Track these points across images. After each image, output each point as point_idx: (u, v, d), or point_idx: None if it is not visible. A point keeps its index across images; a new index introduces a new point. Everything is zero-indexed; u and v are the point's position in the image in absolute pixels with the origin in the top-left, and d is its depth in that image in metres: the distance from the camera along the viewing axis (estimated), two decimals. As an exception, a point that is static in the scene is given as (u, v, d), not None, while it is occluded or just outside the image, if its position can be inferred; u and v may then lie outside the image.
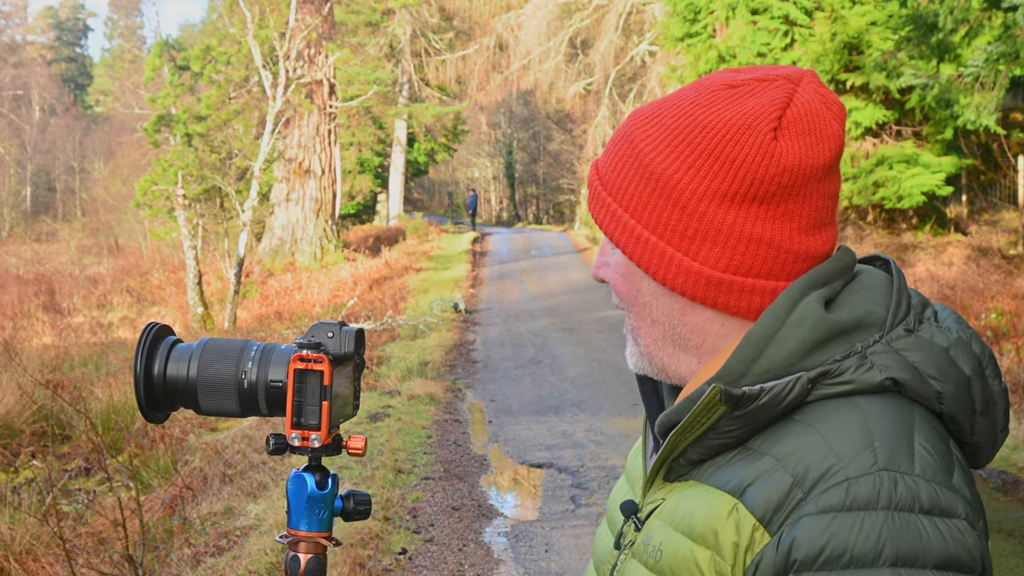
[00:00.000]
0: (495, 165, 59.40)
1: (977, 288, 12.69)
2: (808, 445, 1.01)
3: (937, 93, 10.73)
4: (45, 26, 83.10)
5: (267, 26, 19.18)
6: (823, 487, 0.98)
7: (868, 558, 0.94)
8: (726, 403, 1.04)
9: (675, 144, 1.10)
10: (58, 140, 59.75)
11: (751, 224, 1.09)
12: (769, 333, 1.07)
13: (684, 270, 1.11)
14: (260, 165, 18.23)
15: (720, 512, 1.04)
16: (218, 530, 6.69)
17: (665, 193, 1.10)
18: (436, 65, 34.66)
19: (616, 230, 1.14)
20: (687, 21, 20.13)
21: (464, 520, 6.73)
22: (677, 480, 1.14)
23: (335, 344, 1.21)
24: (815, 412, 1.04)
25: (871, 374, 1.04)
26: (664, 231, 1.11)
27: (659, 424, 1.14)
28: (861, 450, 0.99)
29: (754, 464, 1.04)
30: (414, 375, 11.86)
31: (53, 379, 12.04)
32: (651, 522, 1.14)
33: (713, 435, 1.08)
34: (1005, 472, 7.43)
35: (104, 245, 34.69)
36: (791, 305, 1.07)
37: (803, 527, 0.97)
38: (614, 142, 1.17)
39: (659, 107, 1.15)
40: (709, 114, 1.09)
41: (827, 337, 1.06)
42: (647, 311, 1.16)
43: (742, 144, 1.07)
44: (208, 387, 1.21)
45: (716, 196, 1.08)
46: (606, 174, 1.16)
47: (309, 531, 1.21)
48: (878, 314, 1.07)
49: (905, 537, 0.95)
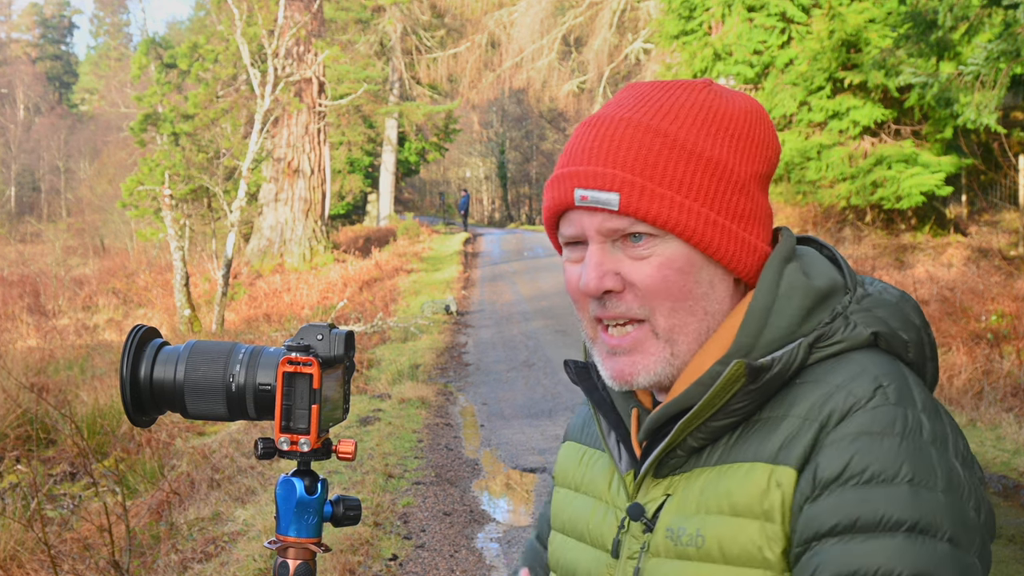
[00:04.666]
0: (487, 165, 59.48)
1: (977, 290, 12.65)
2: (826, 395, 1.10)
3: (937, 92, 10.69)
4: (30, 23, 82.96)
5: (255, 23, 19.10)
6: (845, 419, 1.08)
7: (888, 474, 1.05)
8: (750, 376, 1.11)
9: (715, 131, 1.17)
10: (43, 139, 59.61)
11: (767, 200, 1.22)
12: (767, 305, 1.16)
13: (751, 249, 1.18)
14: (248, 165, 18.19)
15: (759, 482, 1.10)
16: (205, 536, 6.65)
17: (725, 177, 1.17)
18: (427, 63, 34.64)
19: (683, 219, 1.15)
20: (682, 18, 20.12)
21: (456, 525, 6.67)
22: (672, 474, 1.19)
23: (325, 347, 1.20)
24: (817, 371, 1.13)
25: (857, 331, 1.15)
26: (730, 213, 1.17)
27: (654, 419, 1.18)
28: (874, 390, 1.09)
29: (777, 429, 1.12)
30: (405, 378, 11.85)
31: (38, 382, 12.04)
32: (665, 518, 1.17)
33: (720, 416, 1.14)
34: (1006, 477, 7.37)
35: (90, 246, 34.66)
36: (776, 277, 1.17)
37: (826, 452, 1.07)
38: (631, 139, 1.16)
39: (662, 102, 1.18)
40: (723, 103, 1.19)
41: (814, 304, 1.16)
42: (701, 303, 1.18)
43: (764, 128, 1.20)
44: (195, 390, 1.20)
45: (756, 176, 1.19)
46: (644, 169, 1.15)
47: (298, 537, 1.20)
48: (839, 280, 1.19)
49: (919, 460, 1.05)
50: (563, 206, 1.19)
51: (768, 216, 1.21)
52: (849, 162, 16.80)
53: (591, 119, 1.22)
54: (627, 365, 1.19)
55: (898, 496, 1.04)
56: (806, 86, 16.91)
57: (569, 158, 1.20)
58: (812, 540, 1.06)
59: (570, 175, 1.18)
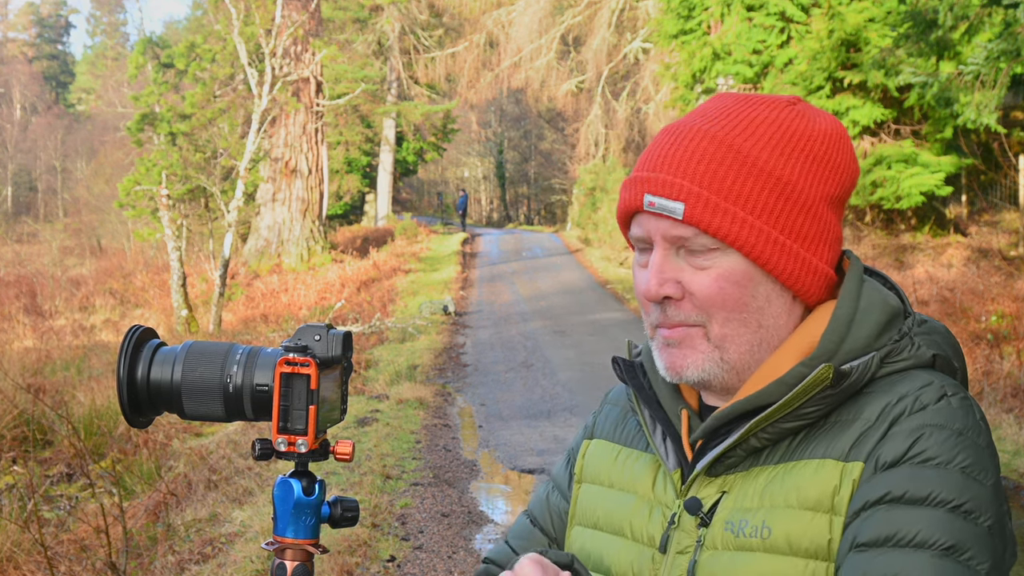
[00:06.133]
0: (485, 165, 59.51)
1: (977, 290, 12.65)
2: (895, 399, 1.16)
3: (936, 91, 10.69)
4: (26, 23, 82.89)
5: (253, 23, 19.06)
6: (911, 416, 1.14)
7: (943, 459, 1.11)
8: (835, 380, 1.16)
9: (789, 151, 1.21)
10: (39, 139, 59.51)
11: (838, 223, 1.26)
12: (849, 316, 1.21)
13: (812, 270, 1.23)
14: (246, 164, 18.17)
15: (831, 478, 1.15)
16: (203, 537, 6.63)
17: (792, 198, 1.21)
18: (425, 63, 34.62)
19: (743, 234, 1.19)
20: (681, 18, 20.13)
21: (454, 527, 6.65)
22: (727, 473, 1.23)
23: (322, 347, 1.20)
24: (885, 383, 1.19)
25: (922, 352, 1.21)
26: (794, 233, 1.21)
27: (720, 417, 1.22)
28: (940, 397, 1.15)
29: (847, 431, 1.17)
30: (403, 379, 11.82)
31: (34, 383, 12.02)
32: (723, 513, 1.21)
33: (791, 417, 1.18)
34: (1006, 478, 7.38)
35: (86, 246, 34.64)
36: (857, 291, 1.23)
37: (889, 442, 1.13)
38: (703, 151, 1.21)
39: (742, 118, 1.22)
40: (804, 123, 1.23)
41: (888, 320, 1.22)
42: (756, 316, 1.23)
43: (842, 151, 1.24)
44: (193, 391, 1.20)
45: (827, 199, 1.23)
46: (712, 182, 1.19)
47: (296, 538, 1.20)
48: (900, 303, 1.25)
49: (975, 454, 1.12)
50: (633, 208, 1.26)
51: (836, 239, 1.25)
52: (848, 162, 16.74)
53: (673, 126, 1.27)
54: (678, 357, 1.24)
55: (950, 478, 1.10)
56: (805, 86, 16.89)
57: (645, 162, 1.26)
58: (861, 509, 1.12)
59: (643, 179, 1.24)
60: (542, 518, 1.47)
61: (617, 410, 1.45)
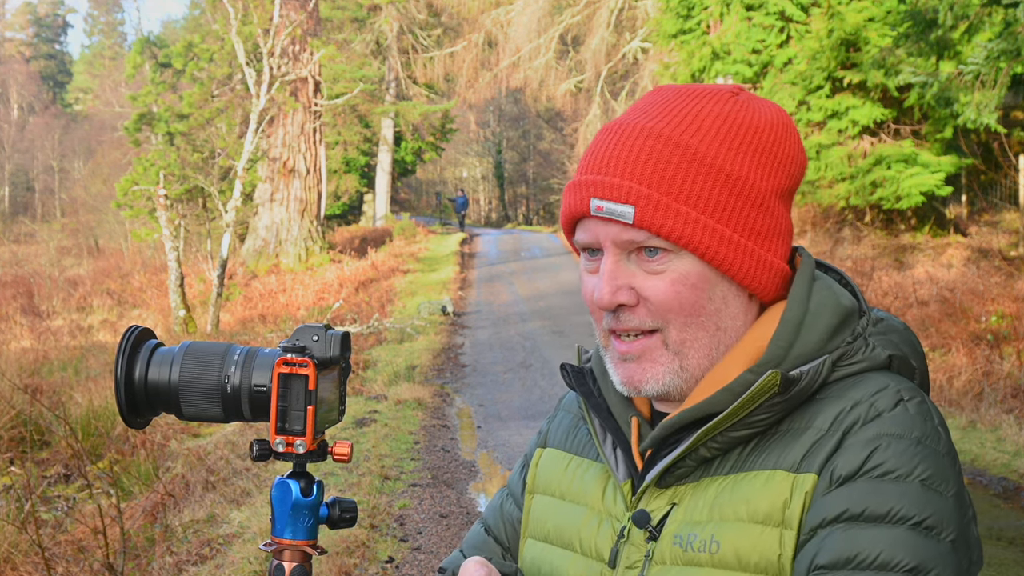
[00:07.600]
0: (484, 165, 59.48)
1: (977, 290, 12.67)
2: (848, 407, 1.11)
3: (936, 91, 10.70)
4: (23, 22, 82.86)
5: (251, 22, 19.04)
6: (866, 425, 1.10)
7: (903, 472, 1.07)
8: (783, 387, 1.12)
9: (738, 145, 1.16)
10: (37, 139, 59.47)
11: (789, 216, 1.21)
12: (798, 318, 1.17)
13: (767, 267, 1.18)
14: (243, 164, 18.17)
15: (781, 491, 1.11)
16: (200, 538, 6.63)
17: (744, 193, 1.16)
18: (424, 62, 34.61)
19: (697, 235, 1.14)
20: (680, 17, 20.14)
21: (452, 528, 6.63)
22: (678, 484, 1.19)
23: (320, 348, 1.19)
24: (838, 388, 1.14)
25: (876, 353, 1.17)
26: (747, 230, 1.16)
27: (668, 426, 1.18)
28: (896, 403, 1.11)
29: (798, 441, 1.12)
30: (401, 379, 11.83)
31: (32, 383, 12.02)
32: (672, 527, 1.16)
33: (740, 426, 1.14)
34: (1006, 479, 7.38)
35: (84, 246, 34.62)
36: (807, 292, 1.18)
37: (844, 453, 1.09)
38: (650, 150, 1.15)
39: (686, 113, 1.16)
40: (750, 115, 1.17)
41: (841, 321, 1.17)
42: (713, 319, 1.18)
43: (790, 141, 1.19)
44: (190, 392, 1.20)
45: (777, 192, 1.18)
46: (661, 183, 1.14)
47: (294, 539, 1.20)
48: (855, 302, 1.21)
49: (934, 464, 1.08)
50: (579, 214, 1.20)
51: (788, 232, 1.21)
52: (848, 162, 16.80)
53: (613, 125, 1.21)
54: (636, 371, 1.19)
55: (909, 493, 1.06)
56: (805, 85, 16.90)
57: (588, 165, 1.20)
58: (818, 527, 1.08)
59: (588, 183, 1.18)
60: (496, 527, 1.43)
61: (570, 417, 1.40)
